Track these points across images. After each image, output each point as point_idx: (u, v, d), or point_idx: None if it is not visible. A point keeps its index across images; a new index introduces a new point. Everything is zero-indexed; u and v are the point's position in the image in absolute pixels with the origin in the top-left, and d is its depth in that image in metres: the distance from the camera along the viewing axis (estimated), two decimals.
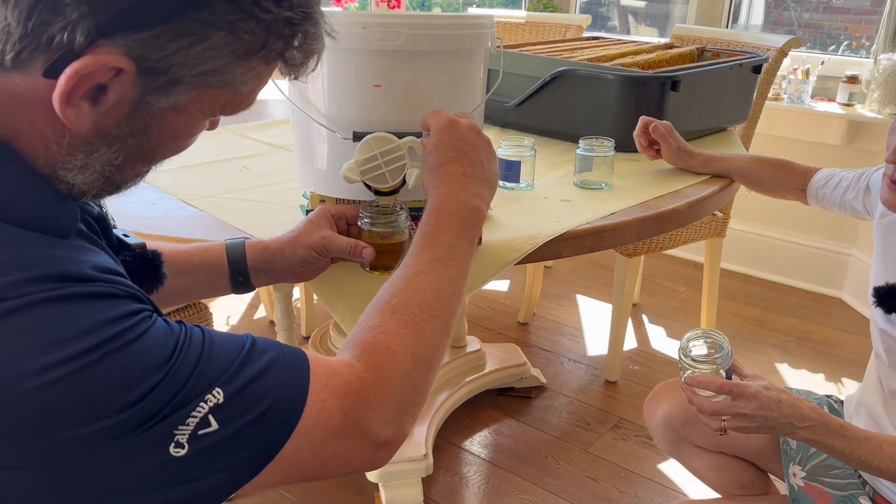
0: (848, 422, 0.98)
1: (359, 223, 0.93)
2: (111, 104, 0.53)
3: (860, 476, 1.12)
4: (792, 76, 2.74)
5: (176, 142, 0.59)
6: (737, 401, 0.93)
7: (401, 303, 0.66)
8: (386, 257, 0.92)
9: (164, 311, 1.46)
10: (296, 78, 0.61)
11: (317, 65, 0.61)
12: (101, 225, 0.66)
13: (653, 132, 1.42)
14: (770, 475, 1.27)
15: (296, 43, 0.57)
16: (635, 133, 1.44)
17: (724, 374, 0.97)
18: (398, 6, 1.80)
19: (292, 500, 1.75)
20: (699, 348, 0.98)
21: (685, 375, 0.97)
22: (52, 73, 0.50)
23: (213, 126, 0.63)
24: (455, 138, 0.80)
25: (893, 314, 1.03)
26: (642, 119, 1.44)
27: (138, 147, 0.57)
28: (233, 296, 0.95)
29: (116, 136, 0.55)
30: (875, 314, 1.08)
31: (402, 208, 0.94)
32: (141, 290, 0.56)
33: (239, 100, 0.59)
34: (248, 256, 0.91)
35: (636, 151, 1.47)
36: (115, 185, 0.60)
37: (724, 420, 0.94)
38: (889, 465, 0.93)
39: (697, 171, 1.44)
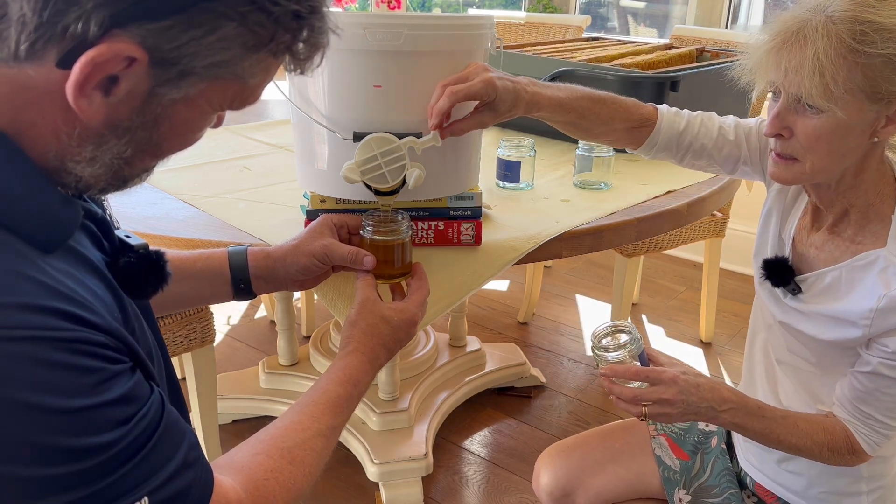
0: (765, 402, 0.98)
1: (361, 232, 0.93)
2: (123, 95, 0.53)
3: (738, 484, 1.12)
4: None
5: (184, 135, 0.60)
6: (657, 386, 0.93)
7: (298, 457, 0.72)
8: (387, 266, 0.92)
9: (165, 315, 1.45)
10: (301, 72, 0.62)
11: (322, 60, 0.62)
12: (104, 228, 0.66)
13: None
14: None
15: (303, 36, 0.58)
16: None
17: (637, 362, 0.96)
18: (398, 7, 1.80)
19: None
20: (608, 339, 0.98)
21: (600, 367, 0.97)
22: (66, 63, 0.51)
23: (219, 122, 0.64)
24: (391, 331, 0.88)
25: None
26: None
27: (147, 140, 0.57)
28: None
29: (127, 127, 0.56)
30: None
31: (403, 217, 0.94)
32: (118, 331, 0.55)
33: (247, 93, 0.60)
34: (250, 264, 0.91)
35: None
36: (122, 179, 0.60)
37: (644, 406, 0.93)
38: (805, 441, 0.94)
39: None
